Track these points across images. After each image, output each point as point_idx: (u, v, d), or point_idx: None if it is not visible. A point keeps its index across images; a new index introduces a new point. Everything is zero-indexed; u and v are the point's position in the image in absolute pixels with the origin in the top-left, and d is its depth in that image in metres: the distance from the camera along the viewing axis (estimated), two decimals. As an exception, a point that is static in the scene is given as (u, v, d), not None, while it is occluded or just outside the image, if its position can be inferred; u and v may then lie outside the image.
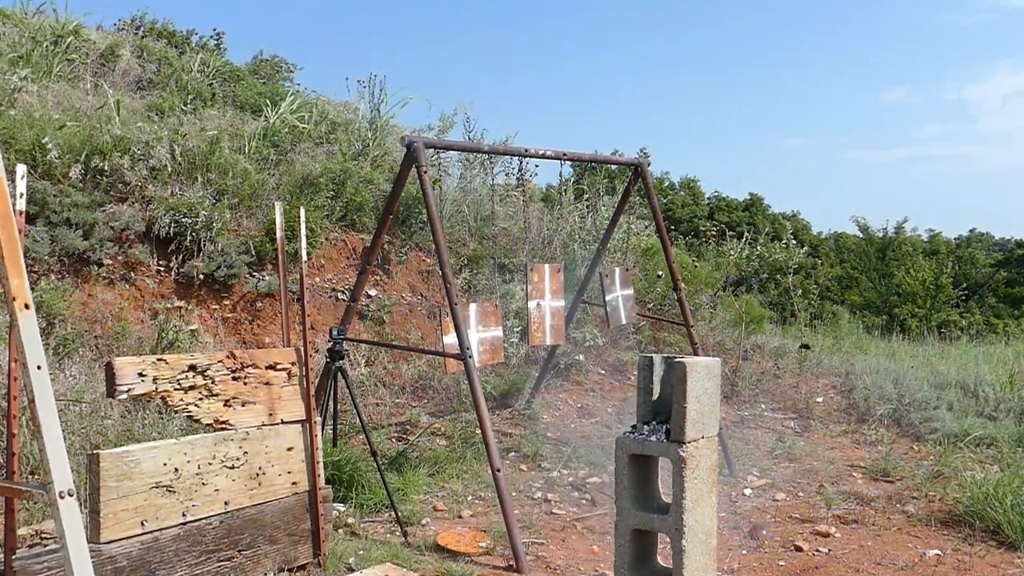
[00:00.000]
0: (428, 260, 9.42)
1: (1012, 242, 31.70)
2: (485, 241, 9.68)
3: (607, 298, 7.28)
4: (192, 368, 3.90)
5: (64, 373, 6.09)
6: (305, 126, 9.62)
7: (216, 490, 3.95)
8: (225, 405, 4.04)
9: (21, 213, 3.36)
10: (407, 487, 5.84)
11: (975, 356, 10.68)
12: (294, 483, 4.36)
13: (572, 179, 13.05)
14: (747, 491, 6.43)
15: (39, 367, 2.08)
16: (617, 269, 7.54)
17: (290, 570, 4.31)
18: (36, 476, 4.97)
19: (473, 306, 6.00)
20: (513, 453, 7.11)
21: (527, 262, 6.66)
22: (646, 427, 3.42)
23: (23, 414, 3.66)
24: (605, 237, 7.71)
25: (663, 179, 29.47)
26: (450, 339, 5.59)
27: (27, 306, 2.11)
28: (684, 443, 3.23)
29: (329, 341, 5.50)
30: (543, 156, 6.28)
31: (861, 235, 28.15)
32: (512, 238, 10.10)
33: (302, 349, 4.46)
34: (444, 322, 5.75)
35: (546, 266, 6.69)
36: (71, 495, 2.09)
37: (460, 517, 5.58)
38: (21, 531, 3.77)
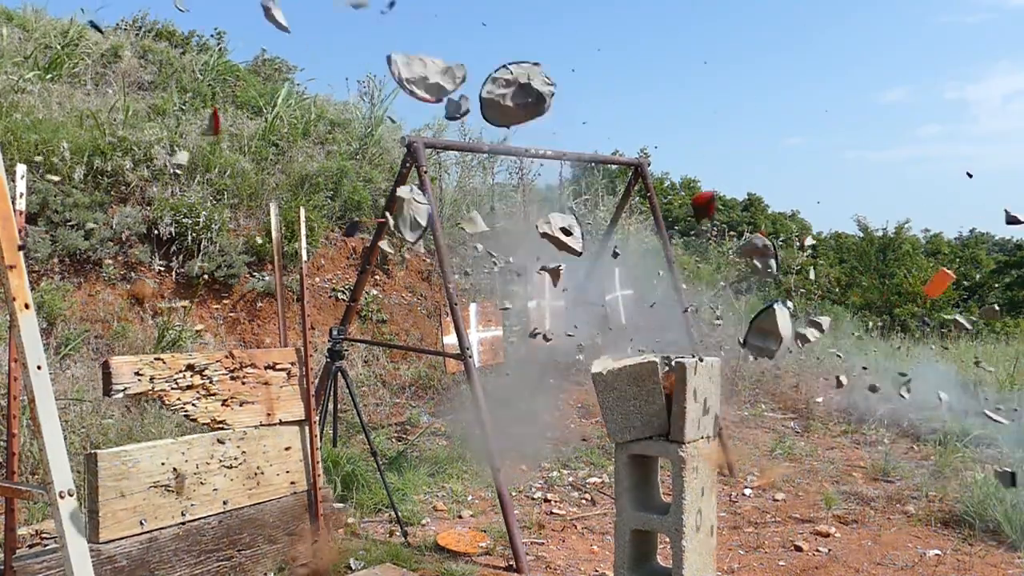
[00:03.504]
0: (428, 260, 9.42)
1: (1012, 242, 31.67)
2: (485, 241, 9.67)
3: (607, 298, 7.29)
4: (190, 367, 3.90)
5: (64, 373, 6.09)
6: (299, 124, 9.61)
7: (215, 489, 3.95)
8: (223, 405, 4.03)
9: (21, 213, 3.36)
10: (407, 487, 5.84)
11: (975, 356, 10.67)
12: (293, 483, 4.36)
13: (571, 180, 13.05)
14: (747, 491, 6.43)
15: (39, 367, 2.09)
16: (617, 269, 7.54)
17: (290, 570, 4.30)
18: (36, 476, 4.97)
19: (473, 306, 6.01)
20: (513, 453, 7.10)
21: (527, 262, 6.67)
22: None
23: (23, 414, 3.66)
24: (605, 237, 7.71)
25: (663, 179, 29.43)
26: (450, 339, 5.60)
27: (27, 306, 2.11)
28: (684, 443, 3.23)
29: (329, 341, 5.50)
30: (543, 156, 6.28)
31: (861, 235, 28.12)
32: (512, 238, 10.08)
33: (301, 349, 4.46)
34: (444, 322, 5.76)
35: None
36: (71, 495, 2.09)
37: (460, 517, 5.57)
38: (21, 531, 3.77)
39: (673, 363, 3.31)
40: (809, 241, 7.92)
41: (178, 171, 5.92)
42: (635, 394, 3.26)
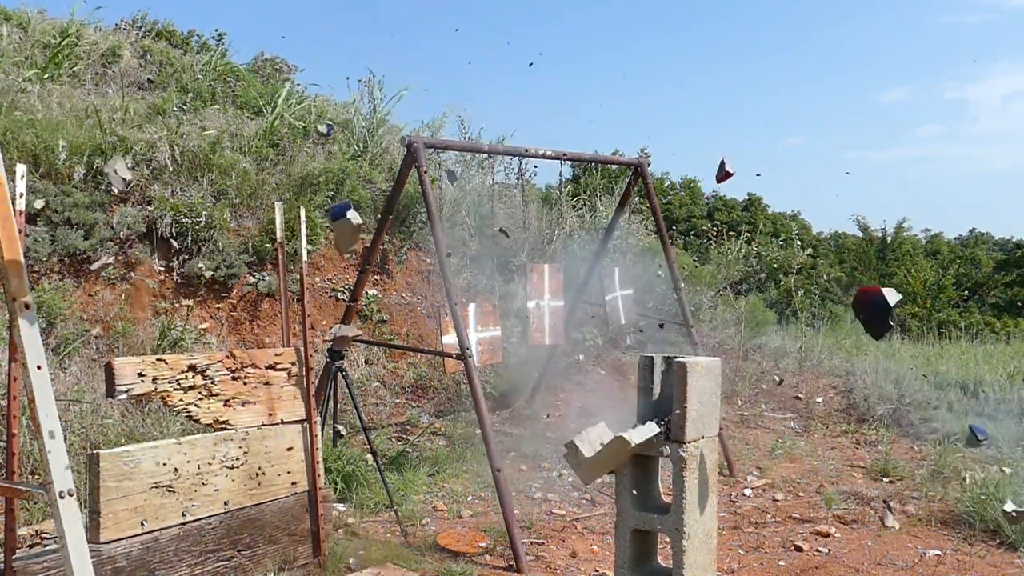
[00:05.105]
0: (428, 260, 9.42)
1: (1012, 242, 31.66)
2: (485, 241, 9.69)
3: (607, 298, 7.29)
4: (191, 368, 3.90)
5: (64, 373, 6.09)
6: (301, 123, 9.61)
7: (216, 490, 3.95)
8: (225, 405, 4.03)
9: (21, 213, 3.36)
10: (407, 487, 5.84)
11: (975, 356, 10.68)
12: (294, 483, 4.36)
13: (570, 180, 13.04)
14: (747, 491, 6.43)
15: (39, 367, 2.08)
16: (616, 269, 7.54)
17: (290, 570, 4.30)
18: (36, 476, 4.97)
19: (472, 306, 6.01)
20: (513, 453, 7.11)
21: (527, 262, 6.67)
22: (646, 427, 3.41)
23: (23, 414, 3.66)
24: (605, 237, 7.72)
25: (663, 179, 29.44)
26: (450, 339, 5.59)
27: (27, 306, 2.11)
28: (684, 443, 3.23)
29: (329, 341, 5.50)
30: (543, 156, 6.28)
31: (861, 235, 28.16)
32: (512, 238, 10.10)
33: (302, 349, 4.46)
34: (444, 322, 5.76)
35: (546, 266, 6.69)
36: (71, 495, 2.09)
37: (460, 517, 5.57)
38: (21, 531, 3.77)
39: (672, 363, 3.31)
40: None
41: (116, 183, 5.36)
42: (619, 455, 3.24)
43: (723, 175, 6.28)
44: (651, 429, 3.23)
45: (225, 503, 3.99)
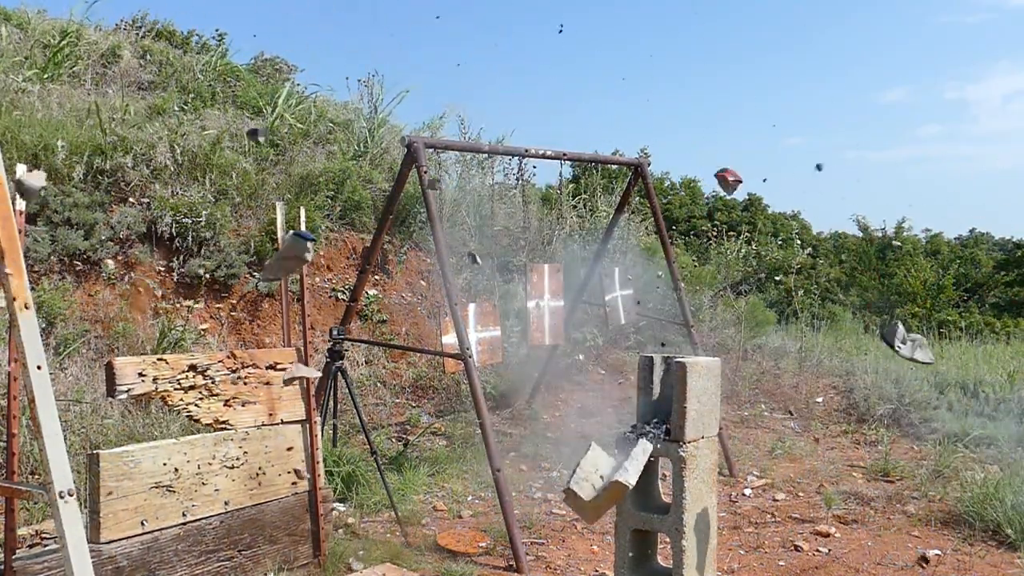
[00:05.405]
0: (428, 260, 9.42)
1: (1012, 242, 31.65)
2: (485, 241, 9.69)
3: (607, 298, 7.29)
4: (192, 368, 3.90)
5: (64, 373, 6.09)
6: (302, 125, 9.62)
7: (216, 490, 3.95)
8: (225, 405, 4.03)
9: (21, 213, 3.36)
10: (407, 487, 5.84)
11: (975, 356, 10.68)
12: (294, 483, 4.36)
13: (570, 180, 13.02)
14: (747, 491, 6.43)
15: (39, 367, 2.08)
16: (616, 269, 7.54)
17: (290, 570, 4.31)
18: (36, 476, 4.97)
19: (472, 306, 6.01)
20: (513, 453, 7.11)
21: (527, 262, 6.67)
22: (646, 427, 3.42)
23: (23, 414, 3.66)
24: (605, 237, 7.72)
25: (663, 179, 29.41)
26: (449, 339, 5.60)
27: (27, 306, 2.11)
28: (684, 443, 3.23)
29: (329, 341, 5.50)
30: (543, 156, 6.28)
31: (861, 235, 28.14)
32: (512, 238, 10.10)
33: (302, 349, 4.47)
34: (444, 322, 5.76)
35: (545, 266, 6.69)
36: (71, 495, 2.09)
37: (460, 517, 5.58)
38: (21, 531, 3.77)
39: (672, 363, 3.31)
40: None
41: (31, 195, 5.13)
42: (619, 494, 3.22)
43: (733, 185, 6.29)
44: (645, 451, 3.22)
45: (225, 503, 3.99)
